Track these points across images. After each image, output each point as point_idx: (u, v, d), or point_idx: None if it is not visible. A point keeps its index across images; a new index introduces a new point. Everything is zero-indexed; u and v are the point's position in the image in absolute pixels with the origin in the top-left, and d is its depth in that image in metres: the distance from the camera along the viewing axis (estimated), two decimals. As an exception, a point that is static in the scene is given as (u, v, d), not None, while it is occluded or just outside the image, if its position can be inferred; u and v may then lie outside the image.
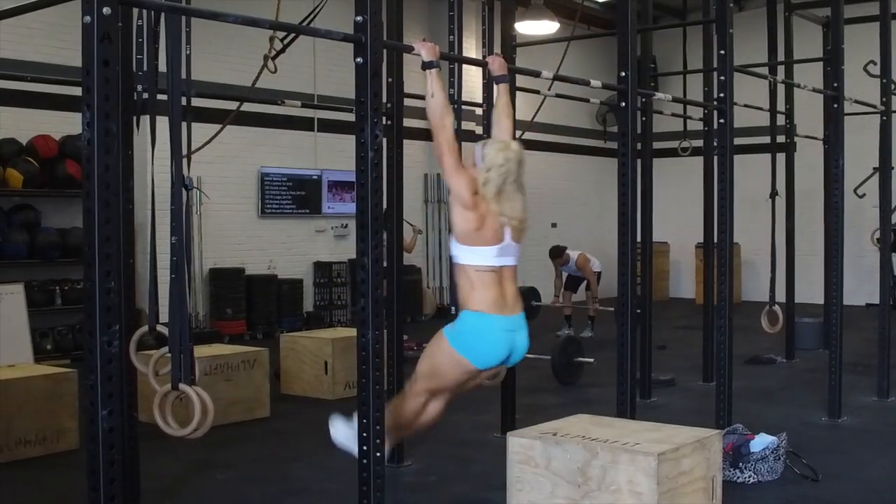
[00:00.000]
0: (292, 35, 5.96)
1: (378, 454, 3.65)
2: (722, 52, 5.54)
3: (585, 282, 11.57)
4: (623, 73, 5.11)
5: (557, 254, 11.39)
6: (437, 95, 3.93)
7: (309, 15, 6.03)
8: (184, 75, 3.82)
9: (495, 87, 4.46)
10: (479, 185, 3.92)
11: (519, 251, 4.07)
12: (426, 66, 3.97)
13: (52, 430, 5.81)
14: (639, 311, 5.82)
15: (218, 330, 10.81)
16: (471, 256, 3.93)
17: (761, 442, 5.18)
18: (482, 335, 3.96)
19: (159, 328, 4.22)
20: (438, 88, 3.95)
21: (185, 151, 3.85)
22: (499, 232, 3.96)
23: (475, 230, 3.90)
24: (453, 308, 5.71)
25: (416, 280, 12.62)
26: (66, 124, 9.71)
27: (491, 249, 3.94)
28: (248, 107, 6.51)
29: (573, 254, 11.36)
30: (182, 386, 3.81)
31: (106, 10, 2.73)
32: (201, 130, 4.25)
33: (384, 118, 5.09)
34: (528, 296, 11.19)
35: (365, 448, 3.65)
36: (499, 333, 3.98)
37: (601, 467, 3.86)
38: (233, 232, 11.62)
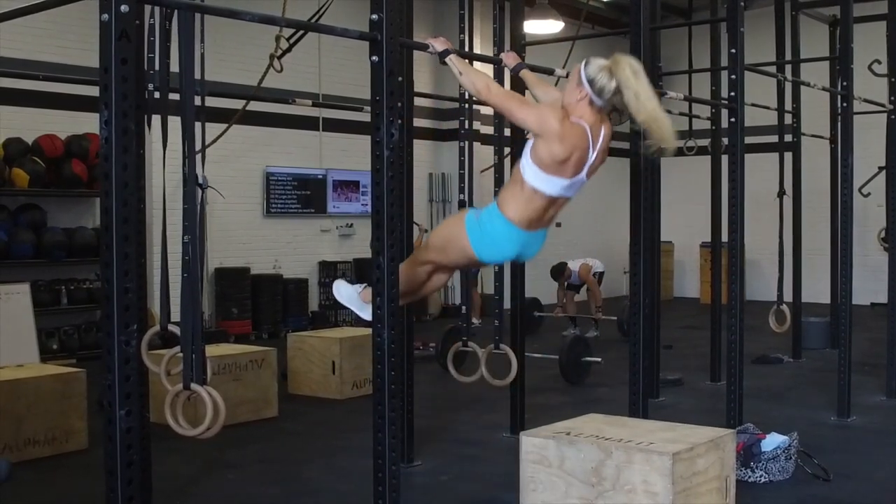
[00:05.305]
0: (299, 34, 5.96)
1: (394, 453, 3.63)
2: (733, 50, 5.52)
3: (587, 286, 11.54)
4: (635, 72, 5.07)
5: (560, 272, 11.31)
6: (465, 72, 3.93)
7: (316, 13, 6.03)
8: (197, 74, 3.81)
9: (521, 76, 4.45)
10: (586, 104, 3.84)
11: (584, 185, 4.01)
12: (444, 55, 3.97)
13: (61, 431, 5.80)
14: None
15: (224, 329, 10.80)
16: (538, 181, 3.82)
17: (772, 441, 5.17)
18: (498, 241, 3.91)
19: (170, 327, 4.21)
20: (464, 67, 3.95)
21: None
22: (580, 165, 3.86)
23: (560, 163, 3.79)
24: (463, 308, 5.73)
25: (420, 280, 12.60)
26: (72, 124, 9.71)
27: (562, 182, 3.85)
28: (253, 106, 6.52)
29: (574, 265, 11.28)
30: (194, 386, 3.79)
31: (124, 8, 2.72)
32: (207, 130, 4.25)
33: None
34: (530, 307, 11.17)
35: (380, 448, 3.63)
36: (514, 245, 3.93)
37: (616, 467, 3.85)
38: (238, 231, 11.62)
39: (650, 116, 3.72)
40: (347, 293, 4.31)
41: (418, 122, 11.14)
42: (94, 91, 2.82)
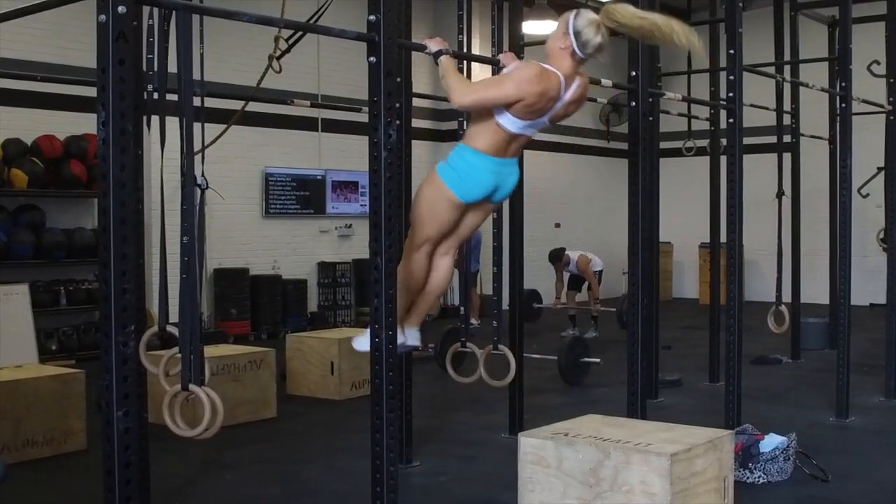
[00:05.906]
0: (298, 34, 5.96)
1: (392, 454, 3.63)
2: (732, 51, 5.53)
3: (587, 281, 11.53)
4: (633, 73, 5.10)
5: (557, 257, 11.30)
6: (446, 75, 3.98)
7: (315, 13, 6.01)
8: (197, 75, 3.81)
9: None
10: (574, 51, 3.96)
11: (545, 125, 4.14)
12: (437, 55, 3.99)
13: (60, 431, 5.80)
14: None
15: (223, 330, 10.81)
16: (504, 119, 3.97)
17: (771, 442, 5.17)
18: (471, 173, 4.01)
19: (168, 328, 4.20)
20: (448, 70, 3.99)
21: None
22: (545, 111, 4.00)
23: (529, 112, 3.94)
24: (461, 308, 5.73)
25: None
26: (71, 125, 9.72)
27: (524, 122, 4.00)
28: (252, 107, 6.49)
29: (573, 255, 11.27)
30: (192, 386, 3.79)
31: (121, 9, 2.72)
32: (206, 130, 4.25)
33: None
34: (530, 298, 11.16)
35: (378, 448, 3.63)
36: (487, 174, 4.03)
37: (613, 468, 3.85)
38: (237, 232, 11.62)
39: (667, 31, 3.91)
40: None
41: (417, 123, 11.11)
42: (92, 92, 2.82)
